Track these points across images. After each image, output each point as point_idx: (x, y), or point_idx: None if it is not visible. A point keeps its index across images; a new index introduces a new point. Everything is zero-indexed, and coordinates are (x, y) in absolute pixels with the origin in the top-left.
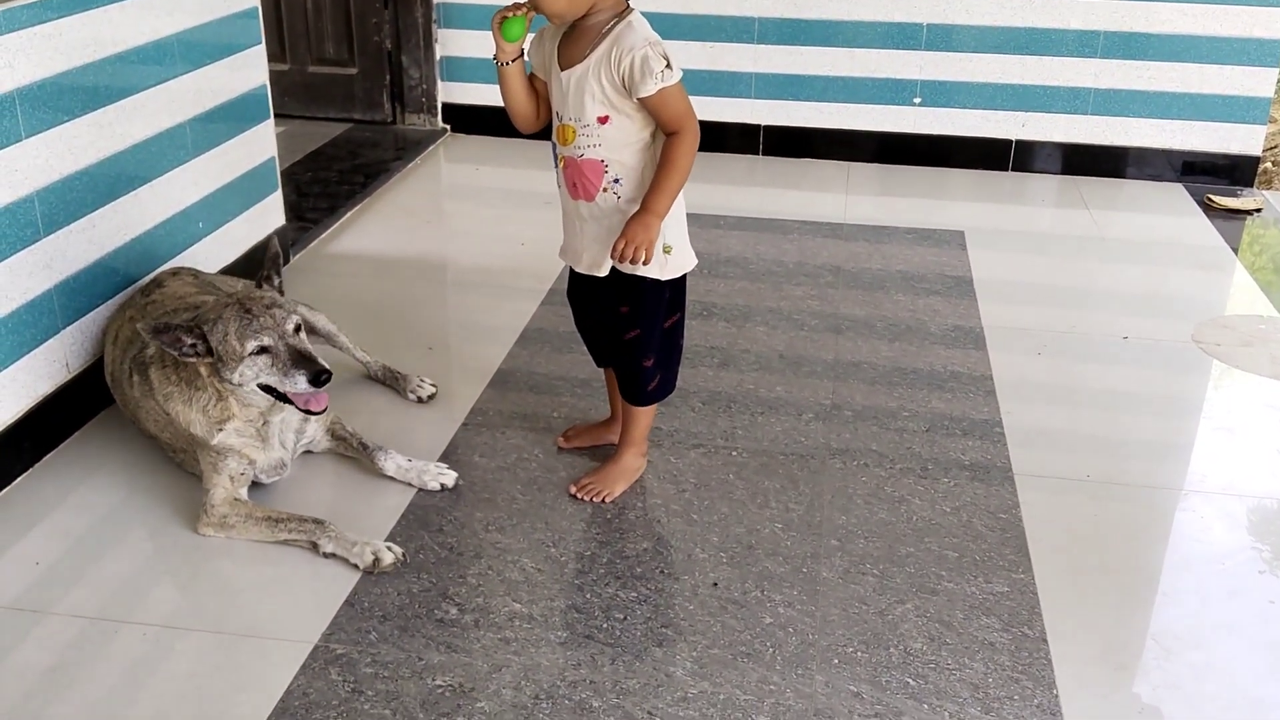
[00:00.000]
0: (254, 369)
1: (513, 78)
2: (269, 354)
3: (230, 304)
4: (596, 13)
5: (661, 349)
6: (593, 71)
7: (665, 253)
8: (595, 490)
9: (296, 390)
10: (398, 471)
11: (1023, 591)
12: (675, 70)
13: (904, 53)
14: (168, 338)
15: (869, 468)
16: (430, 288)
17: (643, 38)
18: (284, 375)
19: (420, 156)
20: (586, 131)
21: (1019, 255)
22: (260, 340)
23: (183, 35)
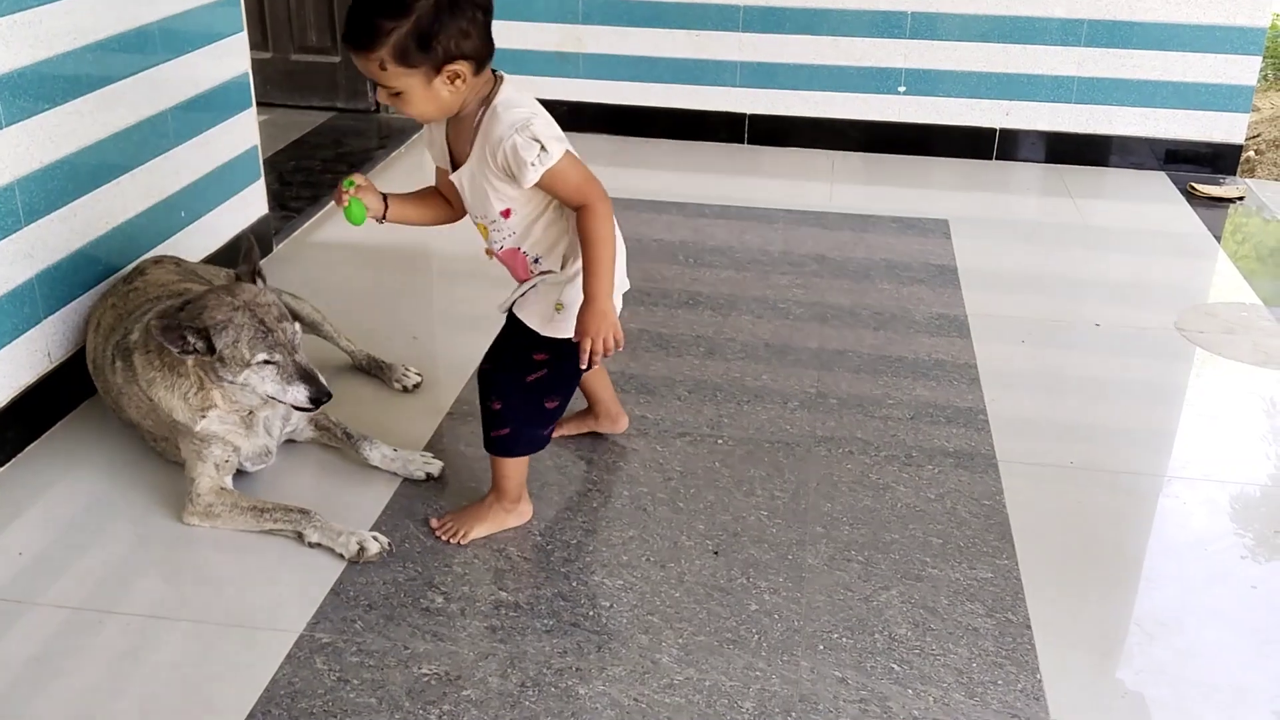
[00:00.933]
0: (257, 376)
1: (404, 217)
2: (275, 367)
3: (240, 308)
4: (465, 105)
5: (516, 400)
6: (477, 171)
7: (556, 309)
8: (451, 530)
9: (293, 402)
10: (383, 461)
11: (1006, 577)
12: (553, 148)
13: (888, 41)
14: (174, 335)
15: (854, 455)
16: (414, 277)
17: (508, 124)
18: (285, 385)
19: (404, 145)
20: (495, 226)
21: (1003, 244)
22: (271, 355)
23: (164, 23)
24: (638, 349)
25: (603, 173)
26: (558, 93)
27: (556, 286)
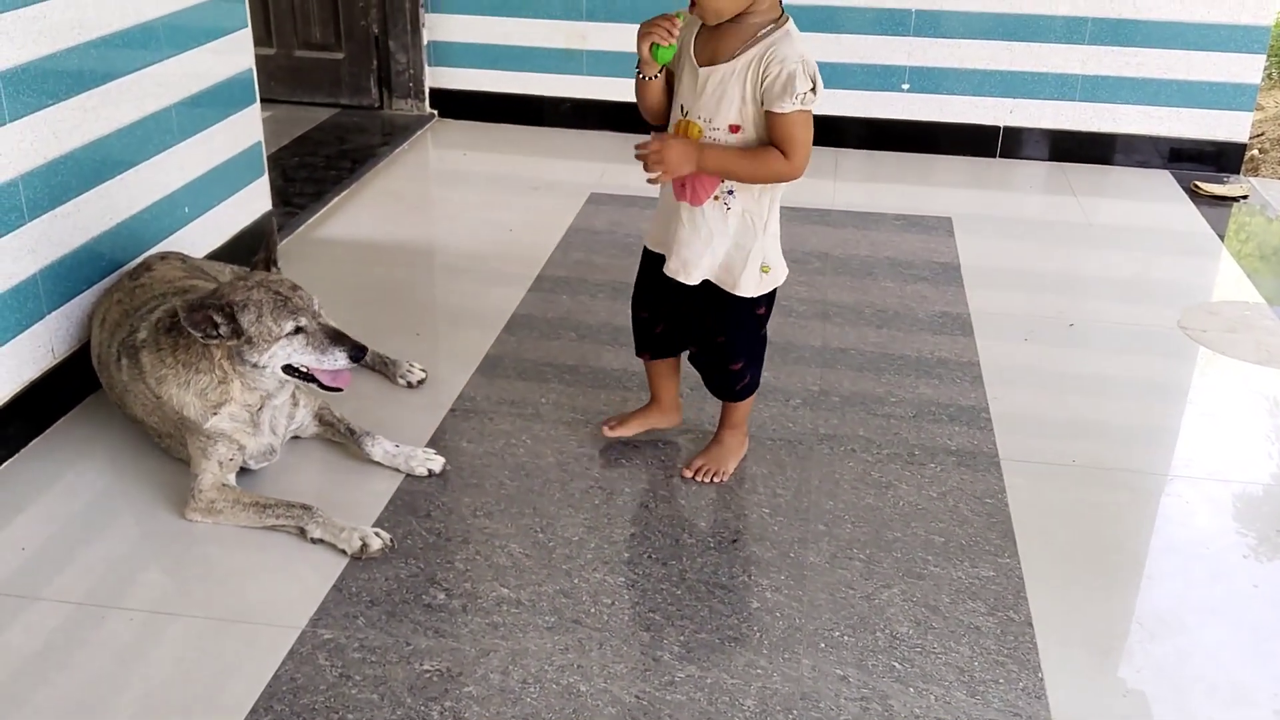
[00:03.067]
0: (287, 349)
1: (655, 89)
2: (304, 334)
3: (254, 286)
4: (752, 14)
5: (749, 352)
6: (738, 75)
7: (763, 272)
8: (709, 470)
9: (336, 366)
10: (385, 457)
11: (1008, 576)
12: (816, 96)
13: (892, 39)
14: (199, 316)
15: (856, 453)
16: (418, 273)
17: (798, 52)
18: (321, 353)
19: (408, 142)
20: (714, 135)
21: (1006, 241)
22: (297, 320)
23: (168, 19)
24: None
25: (607, 169)
26: (562, 90)
27: (759, 251)
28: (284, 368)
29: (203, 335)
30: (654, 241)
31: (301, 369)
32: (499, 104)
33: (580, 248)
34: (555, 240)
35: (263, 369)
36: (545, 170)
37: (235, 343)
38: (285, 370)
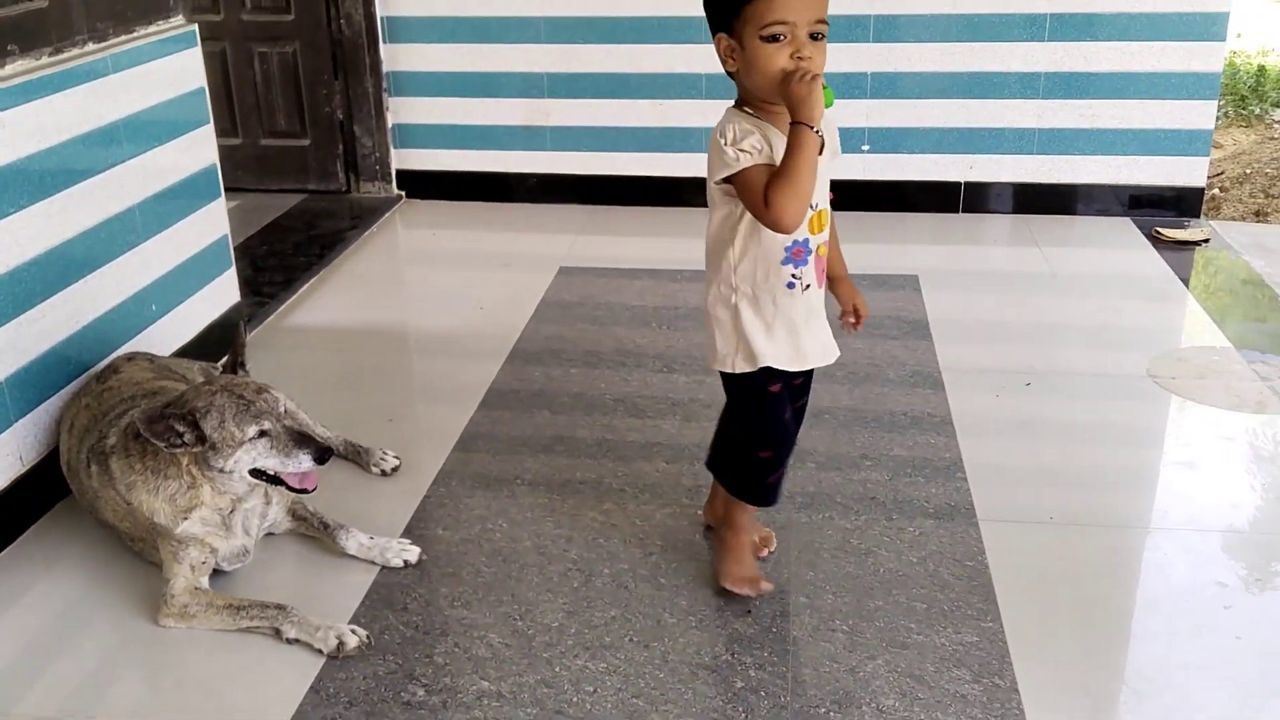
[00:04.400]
0: (252, 454)
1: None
2: (268, 437)
3: (217, 391)
4: None
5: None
6: (830, 150)
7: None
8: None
9: (301, 469)
10: (360, 550)
11: (992, 640)
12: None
13: (850, 101)
14: (160, 426)
15: (834, 520)
16: (391, 356)
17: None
18: (285, 457)
19: (376, 224)
20: (826, 207)
21: (973, 296)
22: (261, 424)
23: (129, 120)
24: (613, 418)
25: (577, 240)
26: (527, 165)
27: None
28: (251, 471)
29: (166, 445)
30: (787, 359)
31: (268, 472)
32: (465, 182)
33: (552, 321)
34: (527, 315)
35: (229, 474)
36: (514, 245)
37: (200, 449)
38: (252, 473)
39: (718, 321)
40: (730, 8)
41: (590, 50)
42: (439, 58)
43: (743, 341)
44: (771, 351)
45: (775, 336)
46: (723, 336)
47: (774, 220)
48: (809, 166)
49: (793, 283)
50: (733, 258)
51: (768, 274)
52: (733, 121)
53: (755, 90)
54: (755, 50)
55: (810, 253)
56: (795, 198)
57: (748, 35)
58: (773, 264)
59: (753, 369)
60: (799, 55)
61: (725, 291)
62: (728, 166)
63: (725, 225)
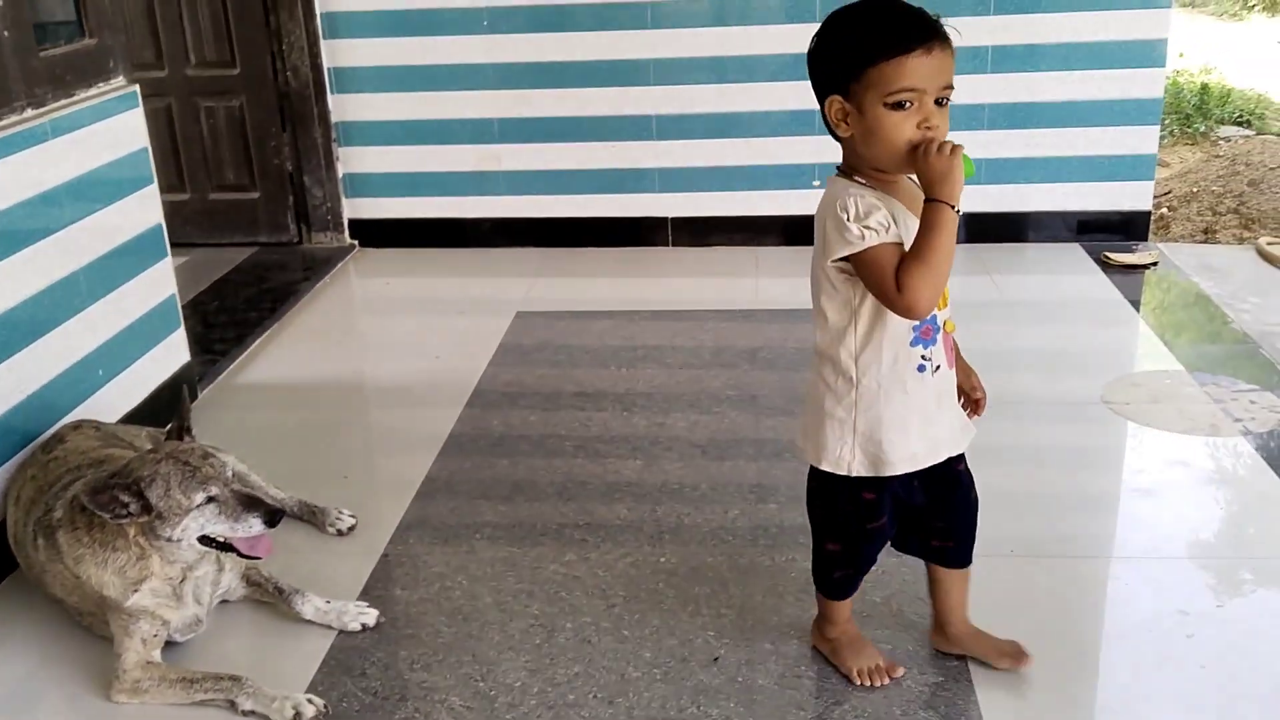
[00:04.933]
0: (200, 520)
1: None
2: (216, 503)
3: (162, 458)
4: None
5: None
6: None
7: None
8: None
9: (251, 533)
10: (316, 614)
11: (958, 679)
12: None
13: (798, 138)
14: (105, 498)
15: (796, 562)
16: (346, 410)
17: None
18: (235, 521)
19: (329, 274)
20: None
21: None
22: (208, 490)
23: (71, 184)
24: (573, 464)
25: (533, 284)
26: (481, 210)
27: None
28: (200, 538)
29: (111, 515)
30: (925, 454)
31: (218, 538)
32: (419, 229)
33: (510, 366)
34: (484, 361)
35: (178, 542)
36: (470, 291)
37: (146, 519)
38: (201, 541)
39: (830, 417)
40: (848, 70)
41: (540, 95)
42: (388, 107)
43: (869, 444)
44: (905, 455)
45: (909, 433)
46: (837, 435)
47: (907, 306)
48: (948, 248)
49: (923, 365)
50: (853, 345)
51: (895, 359)
52: (852, 194)
53: (873, 160)
54: (878, 118)
55: (938, 330)
56: (932, 283)
57: (869, 101)
58: (901, 347)
59: (873, 475)
60: (927, 124)
61: (842, 386)
62: (849, 245)
63: (843, 310)
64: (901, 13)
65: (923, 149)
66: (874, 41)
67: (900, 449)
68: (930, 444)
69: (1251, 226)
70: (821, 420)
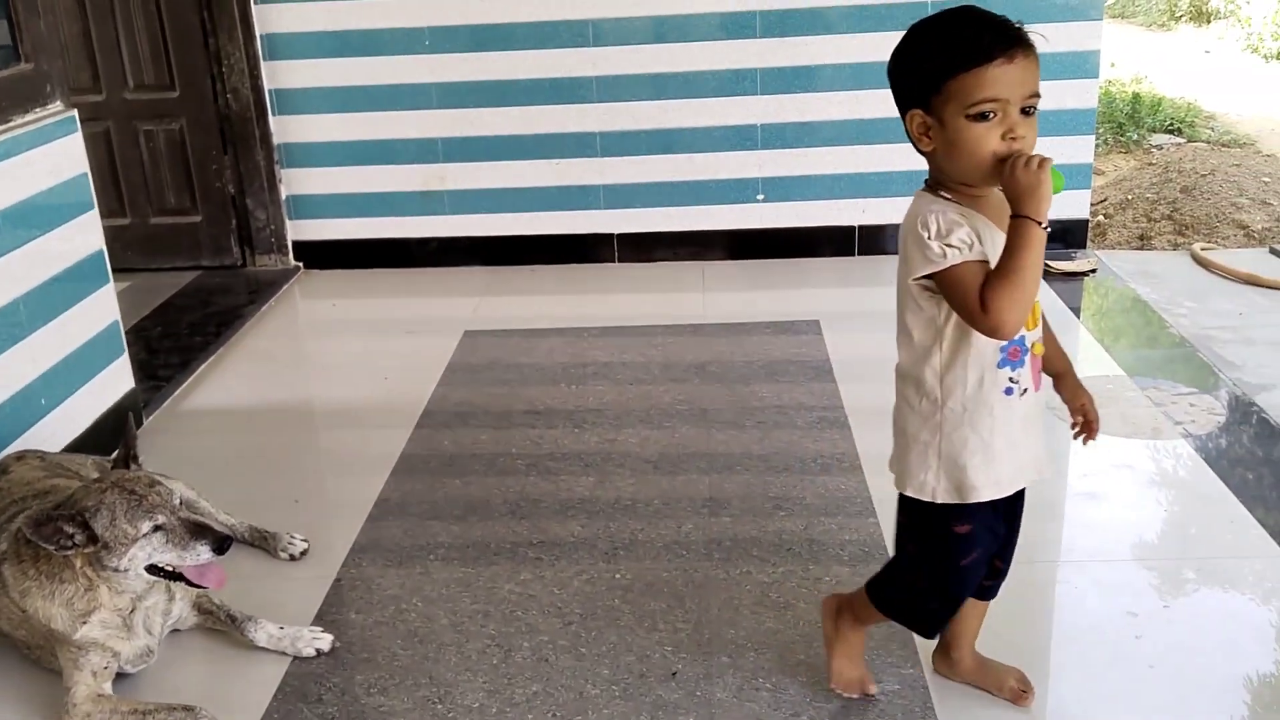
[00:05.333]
0: (147, 550)
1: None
2: (163, 531)
3: (108, 488)
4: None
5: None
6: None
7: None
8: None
9: (199, 561)
10: (270, 641)
11: (914, 688)
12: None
13: (742, 153)
14: (49, 529)
15: (751, 575)
16: (295, 434)
17: None
18: (183, 550)
19: (274, 298)
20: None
21: (873, 336)
22: (154, 519)
23: (9, 211)
24: (526, 482)
25: (481, 303)
26: (426, 230)
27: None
28: (148, 568)
29: (56, 547)
30: (1008, 480)
31: (167, 567)
32: (364, 250)
33: (460, 386)
34: (434, 381)
35: (125, 572)
36: (418, 311)
37: (92, 549)
38: (150, 570)
39: (914, 440)
40: (928, 82)
41: (484, 114)
42: (331, 127)
43: (953, 468)
44: (989, 480)
45: (994, 458)
46: (921, 459)
47: (992, 327)
48: (1035, 266)
49: (1010, 388)
50: (938, 365)
51: (981, 381)
52: (934, 210)
53: (958, 175)
54: (961, 130)
55: (1026, 351)
56: (1019, 303)
57: (950, 113)
58: (987, 368)
59: (959, 502)
60: (1012, 135)
61: (928, 407)
62: (931, 263)
63: (927, 329)
64: (981, 21)
65: (1009, 163)
66: (953, 52)
67: (985, 474)
68: (1015, 469)
69: (1185, 232)
70: (907, 444)
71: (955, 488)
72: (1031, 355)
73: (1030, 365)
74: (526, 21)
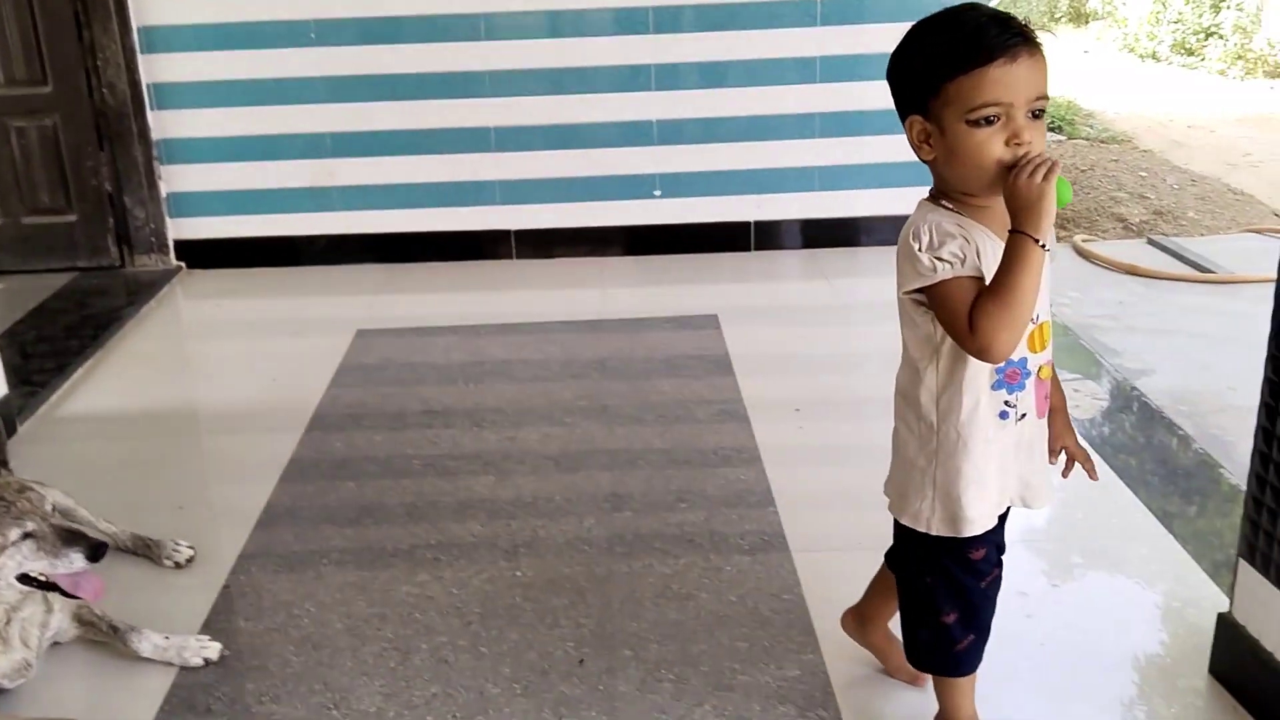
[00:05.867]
0: (17, 558)
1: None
2: (34, 539)
3: None
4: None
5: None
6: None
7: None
8: None
9: (73, 569)
10: (155, 652)
11: (814, 672)
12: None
13: (638, 149)
14: None
15: (654, 568)
16: (178, 439)
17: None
18: (55, 558)
19: (155, 299)
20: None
21: (770, 330)
22: (24, 525)
23: None
24: (422, 483)
25: (374, 301)
26: (315, 227)
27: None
28: (19, 577)
29: None
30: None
31: (39, 576)
32: (250, 248)
33: (352, 386)
34: (325, 382)
35: None
36: (307, 311)
37: None
38: (22, 580)
39: (912, 466)
40: (926, 85)
41: (374, 108)
42: (213, 122)
43: (948, 500)
44: (982, 512)
45: (986, 487)
46: (918, 487)
47: (979, 348)
48: (1030, 287)
49: (1006, 412)
50: (933, 385)
51: (976, 404)
52: (929, 220)
53: (960, 184)
54: (961, 137)
55: (1028, 375)
56: (1010, 325)
57: (950, 118)
58: (982, 391)
59: (953, 535)
60: (1017, 141)
61: (924, 431)
62: (921, 276)
63: (923, 346)
64: (981, 20)
65: (1014, 171)
66: (951, 53)
67: (978, 506)
68: (1000, 495)
69: (1067, 226)
70: (905, 469)
71: (949, 520)
72: (1037, 379)
73: (1035, 390)
74: (415, 15)
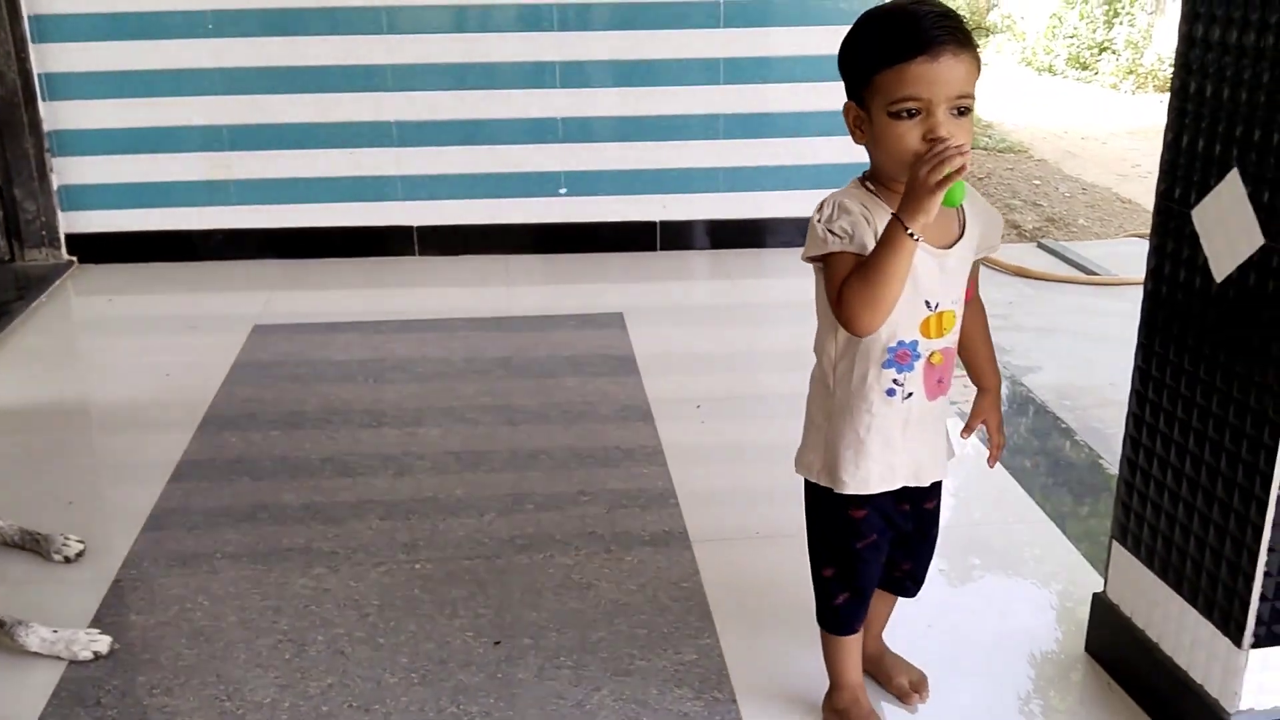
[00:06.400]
0: None
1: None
2: None
3: None
4: None
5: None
6: (971, 245)
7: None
8: None
9: None
10: (42, 646)
11: (710, 656)
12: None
13: (544, 146)
14: None
15: (555, 558)
16: (68, 435)
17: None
18: None
19: (45, 294)
20: (957, 309)
21: (675, 329)
22: None
23: None
24: (320, 479)
25: (271, 298)
26: (212, 221)
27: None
28: None
29: None
30: (877, 478)
31: None
32: (144, 242)
33: (248, 383)
34: (219, 379)
35: None
36: (202, 307)
37: None
38: None
39: (811, 422)
40: (859, 76)
41: (272, 100)
42: (108, 114)
43: (830, 456)
44: (857, 478)
45: (866, 455)
46: (811, 441)
47: (843, 321)
48: (894, 271)
49: (893, 390)
50: (833, 352)
51: (865, 376)
52: (839, 196)
53: (881, 169)
54: (883, 127)
55: (918, 358)
56: (870, 304)
57: (876, 108)
58: (873, 366)
59: (828, 487)
60: (933, 136)
61: (822, 392)
62: (814, 245)
63: (827, 314)
64: (914, 16)
65: (919, 162)
66: (881, 47)
67: (853, 470)
68: (885, 469)
69: None
70: (807, 424)
71: (830, 474)
72: (928, 364)
73: (923, 373)
74: (316, 7)
